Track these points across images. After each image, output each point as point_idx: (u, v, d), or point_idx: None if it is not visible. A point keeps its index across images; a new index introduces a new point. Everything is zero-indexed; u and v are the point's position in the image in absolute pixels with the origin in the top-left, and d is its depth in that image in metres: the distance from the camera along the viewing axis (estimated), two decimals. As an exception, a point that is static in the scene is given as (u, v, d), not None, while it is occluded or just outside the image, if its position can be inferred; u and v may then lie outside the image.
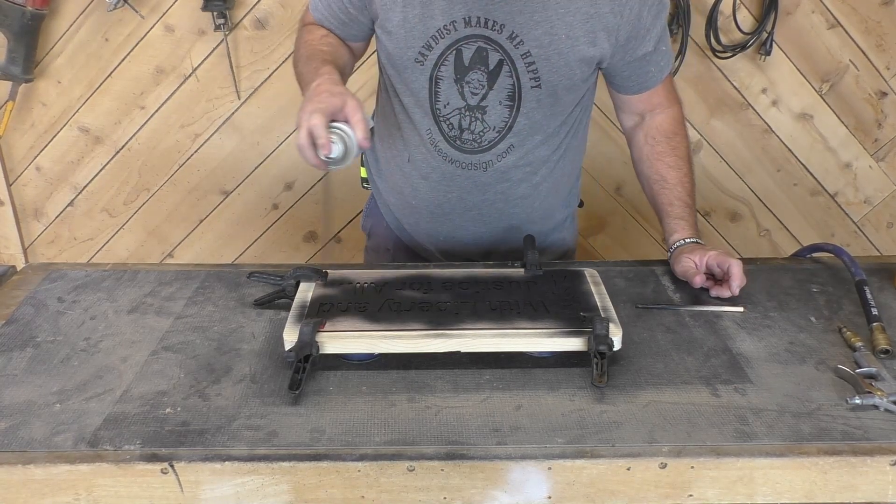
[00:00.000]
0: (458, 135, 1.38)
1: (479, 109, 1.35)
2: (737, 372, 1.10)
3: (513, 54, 1.31)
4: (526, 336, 1.09)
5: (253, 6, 2.23)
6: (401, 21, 1.30)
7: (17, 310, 1.27)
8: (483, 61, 1.32)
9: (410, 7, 1.29)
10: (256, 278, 1.31)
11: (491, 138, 1.38)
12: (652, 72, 1.42)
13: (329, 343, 1.09)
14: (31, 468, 0.92)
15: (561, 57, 1.31)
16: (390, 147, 1.48)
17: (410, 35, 1.31)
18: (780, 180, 2.48)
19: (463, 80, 1.33)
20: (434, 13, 1.29)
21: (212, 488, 0.93)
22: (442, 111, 1.37)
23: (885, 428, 0.98)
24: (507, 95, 1.34)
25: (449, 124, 1.37)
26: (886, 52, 2.33)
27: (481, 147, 1.39)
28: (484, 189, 1.44)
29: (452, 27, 1.29)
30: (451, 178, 1.43)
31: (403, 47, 1.32)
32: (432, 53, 1.31)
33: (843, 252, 1.38)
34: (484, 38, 1.30)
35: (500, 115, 1.36)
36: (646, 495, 0.95)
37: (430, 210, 1.48)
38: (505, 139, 1.39)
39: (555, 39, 1.30)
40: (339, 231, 2.52)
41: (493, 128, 1.37)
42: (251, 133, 2.38)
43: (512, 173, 1.43)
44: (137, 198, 2.46)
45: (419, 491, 0.94)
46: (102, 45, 2.27)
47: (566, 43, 1.30)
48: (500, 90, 1.34)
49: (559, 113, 1.40)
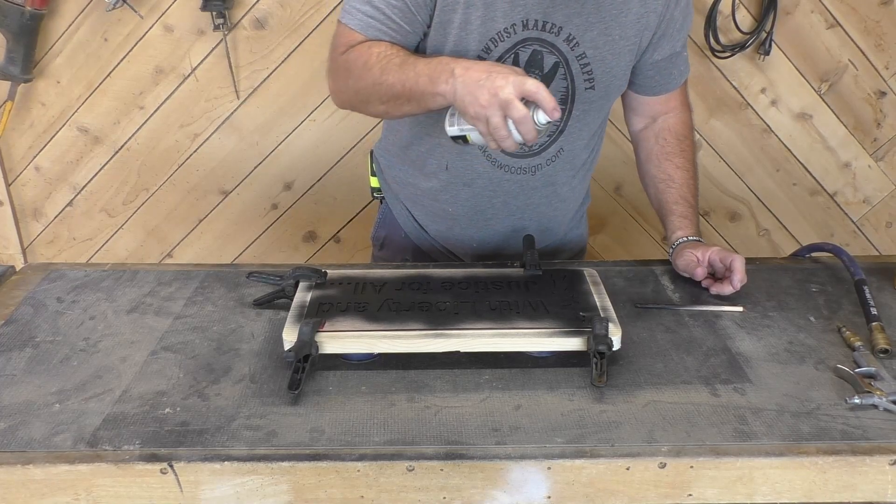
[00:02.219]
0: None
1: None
2: (736, 372, 1.10)
3: (568, 56, 1.30)
4: (525, 336, 1.09)
5: (252, 6, 2.23)
6: (462, 22, 1.26)
7: (16, 310, 1.27)
8: (538, 64, 1.30)
9: (473, 8, 1.25)
10: (255, 278, 1.31)
11: (542, 142, 1.38)
12: (674, 74, 1.43)
13: (328, 343, 1.09)
14: (31, 468, 0.92)
15: (615, 58, 1.32)
16: (425, 156, 1.44)
17: (470, 37, 1.27)
18: (779, 180, 2.48)
19: None
20: (496, 15, 1.26)
21: (211, 488, 0.93)
22: None
23: (885, 427, 0.98)
24: (561, 99, 1.33)
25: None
26: (885, 52, 2.33)
27: (532, 151, 1.39)
28: (530, 193, 1.44)
29: (513, 30, 1.27)
30: (497, 183, 1.42)
31: (462, 49, 1.28)
32: (490, 56, 1.28)
33: (842, 252, 1.38)
34: (540, 41, 1.29)
35: None
36: (645, 495, 0.95)
37: (469, 216, 1.46)
38: (556, 142, 1.39)
39: (609, 40, 1.30)
40: (338, 231, 2.52)
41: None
42: (250, 133, 2.38)
43: (559, 176, 1.44)
44: (137, 198, 2.46)
45: (418, 491, 0.94)
46: (101, 45, 2.27)
47: (620, 44, 1.31)
48: (554, 93, 1.31)
49: (603, 113, 1.42)
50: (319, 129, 2.38)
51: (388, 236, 1.60)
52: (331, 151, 2.41)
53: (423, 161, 1.45)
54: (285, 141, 2.39)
